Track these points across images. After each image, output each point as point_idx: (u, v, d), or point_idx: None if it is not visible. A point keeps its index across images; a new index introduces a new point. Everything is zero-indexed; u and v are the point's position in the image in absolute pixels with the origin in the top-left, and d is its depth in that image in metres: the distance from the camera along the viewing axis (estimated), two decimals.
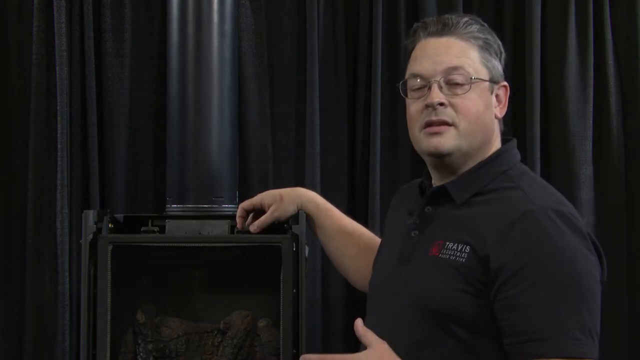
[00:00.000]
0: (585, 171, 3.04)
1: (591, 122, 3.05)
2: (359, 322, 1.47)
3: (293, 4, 3.05)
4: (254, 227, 2.08)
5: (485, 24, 1.64)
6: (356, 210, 2.98)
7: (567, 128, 3.04)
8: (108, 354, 2.34)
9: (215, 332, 2.58)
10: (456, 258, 1.49)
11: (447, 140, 1.57)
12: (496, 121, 1.64)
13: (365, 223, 2.59)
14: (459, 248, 1.50)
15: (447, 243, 1.52)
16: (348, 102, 3.07)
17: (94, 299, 2.34)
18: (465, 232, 1.51)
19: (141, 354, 2.53)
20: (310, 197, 2.07)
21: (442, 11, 3.00)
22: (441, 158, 1.59)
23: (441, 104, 1.56)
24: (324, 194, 2.16)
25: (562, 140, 3.04)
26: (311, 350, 2.82)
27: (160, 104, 2.93)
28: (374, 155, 2.98)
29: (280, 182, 2.94)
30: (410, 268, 1.58)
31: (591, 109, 3.05)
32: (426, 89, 1.58)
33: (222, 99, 2.67)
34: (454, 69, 1.57)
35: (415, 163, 3.04)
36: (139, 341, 2.54)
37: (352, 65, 3.07)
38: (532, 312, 1.40)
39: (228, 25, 2.69)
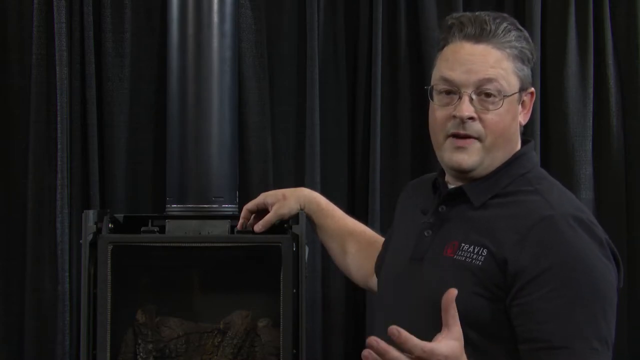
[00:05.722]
0: (585, 171, 3.04)
1: (591, 122, 3.05)
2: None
3: (293, 4, 3.05)
4: (258, 226, 2.03)
5: (522, 28, 1.57)
6: (356, 210, 2.98)
7: (567, 128, 3.03)
8: (108, 354, 2.34)
9: (215, 332, 2.58)
10: (472, 260, 1.46)
11: (471, 157, 1.53)
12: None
13: (365, 223, 2.58)
14: (476, 250, 1.47)
15: (463, 245, 1.49)
16: (348, 101, 3.07)
17: (94, 299, 2.34)
18: (482, 234, 1.48)
19: (141, 354, 2.53)
20: (313, 197, 2.05)
21: (442, 11, 2.99)
22: (463, 173, 1.56)
23: (471, 118, 1.51)
24: (324, 193, 2.15)
25: (562, 140, 3.04)
26: (311, 350, 2.83)
27: (160, 104, 2.92)
28: (374, 155, 2.98)
29: (280, 182, 2.93)
30: (424, 267, 1.54)
31: (591, 109, 3.05)
32: (456, 97, 1.52)
33: (222, 99, 2.67)
34: (488, 80, 1.51)
35: (415, 163, 3.04)
36: (139, 341, 2.54)
37: (352, 65, 3.07)
38: (550, 319, 1.38)
39: (228, 25, 2.69)
